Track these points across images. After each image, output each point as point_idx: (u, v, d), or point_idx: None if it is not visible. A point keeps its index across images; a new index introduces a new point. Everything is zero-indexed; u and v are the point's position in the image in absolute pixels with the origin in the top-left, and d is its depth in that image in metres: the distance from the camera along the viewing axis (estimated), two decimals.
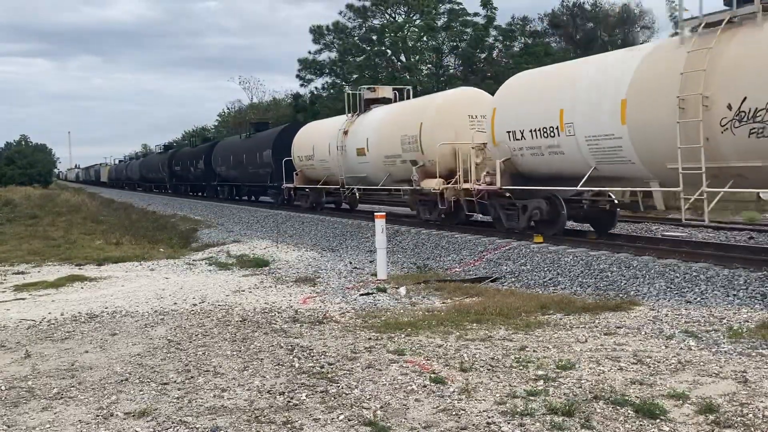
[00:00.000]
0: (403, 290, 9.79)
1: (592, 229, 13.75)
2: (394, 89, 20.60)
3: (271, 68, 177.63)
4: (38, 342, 7.20)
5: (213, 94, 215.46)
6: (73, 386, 5.50)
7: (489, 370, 5.58)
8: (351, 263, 13.30)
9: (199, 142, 53.67)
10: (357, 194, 21.44)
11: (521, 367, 5.60)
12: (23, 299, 10.18)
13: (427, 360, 5.92)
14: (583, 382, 5.17)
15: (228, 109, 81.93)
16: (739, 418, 4.32)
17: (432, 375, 5.43)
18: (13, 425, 4.67)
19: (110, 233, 20.63)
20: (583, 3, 49.37)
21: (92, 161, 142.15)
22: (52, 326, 7.99)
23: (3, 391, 5.46)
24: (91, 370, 6.00)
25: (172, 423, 4.59)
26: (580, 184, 11.50)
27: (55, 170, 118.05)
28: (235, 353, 6.39)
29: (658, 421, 4.35)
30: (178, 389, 5.34)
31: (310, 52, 50.28)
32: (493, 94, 14.92)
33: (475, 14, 44.84)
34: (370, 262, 13.06)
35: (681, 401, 4.67)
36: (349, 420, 4.54)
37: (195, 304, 9.15)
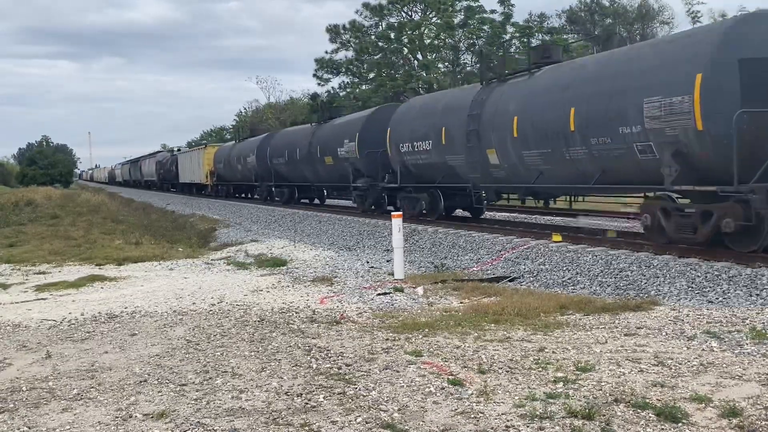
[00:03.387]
0: (420, 290, 9.76)
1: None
2: None
3: (291, 68, 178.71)
4: (59, 342, 7.27)
5: (232, 94, 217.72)
6: (92, 387, 5.54)
7: (507, 371, 5.54)
8: (368, 263, 13.30)
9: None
10: None
11: (540, 369, 5.55)
12: (44, 299, 10.29)
13: (445, 361, 5.88)
14: (603, 384, 5.11)
15: (245, 109, 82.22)
16: (763, 422, 4.24)
17: (450, 377, 5.40)
18: (34, 426, 4.71)
19: (130, 233, 20.82)
20: None
21: (111, 162, 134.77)
22: (72, 326, 8.07)
23: (24, 391, 5.52)
24: (111, 370, 6.04)
25: (191, 425, 4.60)
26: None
27: (76, 170, 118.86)
28: (253, 354, 6.40)
29: (680, 424, 4.29)
30: (197, 390, 5.35)
31: (326, 52, 50.40)
32: None
33: (492, 11, 44.68)
34: (387, 261, 13.04)
35: (703, 404, 4.60)
36: (366, 422, 4.52)
37: (213, 304, 9.19)
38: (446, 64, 46.74)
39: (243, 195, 38.58)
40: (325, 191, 27.68)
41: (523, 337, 6.69)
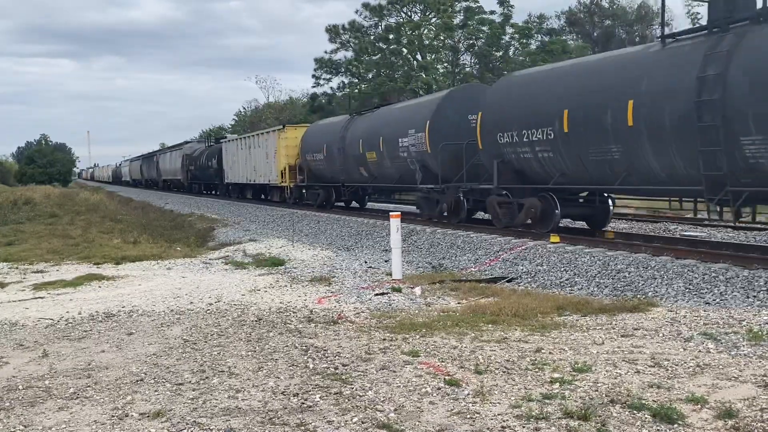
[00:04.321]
0: (418, 290, 9.76)
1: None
2: None
3: (292, 68, 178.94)
4: (56, 341, 7.26)
5: (231, 93, 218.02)
6: (89, 386, 5.54)
7: (504, 372, 5.54)
8: (366, 263, 13.30)
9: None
10: None
11: (537, 370, 5.56)
12: (42, 298, 10.28)
13: (442, 362, 5.89)
14: (599, 385, 5.11)
15: (244, 108, 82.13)
16: (759, 424, 4.25)
17: (447, 377, 5.39)
18: (30, 425, 4.70)
19: (128, 232, 20.82)
20: (601, 0, 48.98)
21: (110, 160, 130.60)
22: (69, 325, 8.06)
23: (20, 390, 5.51)
24: (107, 369, 6.03)
25: (187, 424, 4.59)
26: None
27: (75, 169, 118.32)
28: (250, 353, 6.40)
29: (675, 426, 4.29)
30: (193, 390, 5.35)
31: (326, 52, 50.43)
32: None
33: (492, 12, 44.72)
34: (385, 261, 13.04)
35: (699, 406, 4.60)
36: (362, 422, 4.52)
37: (211, 304, 9.19)
38: (445, 64, 46.75)
39: (351, 206, 24.52)
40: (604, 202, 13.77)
41: (521, 338, 6.70)
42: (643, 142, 10.77)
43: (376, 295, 9.53)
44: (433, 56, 46.34)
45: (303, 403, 4.93)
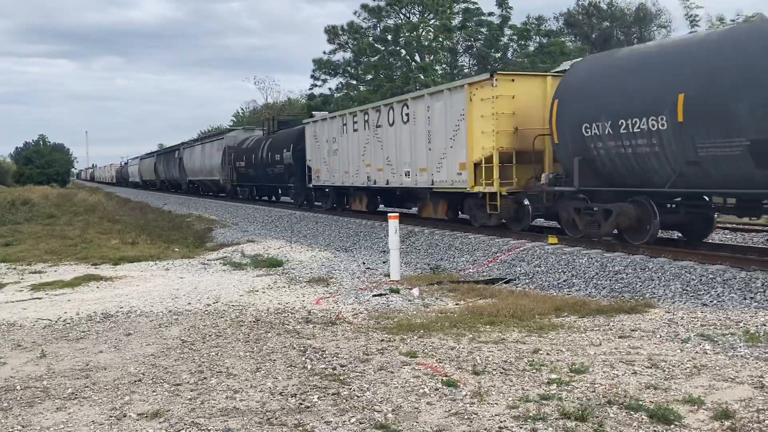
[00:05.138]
0: (416, 291, 9.77)
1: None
2: None
3: (291, 68, 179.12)
4: (54, 341, 7.26)
5: (231, 94, 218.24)
6: (87, 386, 5.55)
7: (502, 373, 5.55)
8: (364, 264, 13.31)
9: None
10: None
11: (534, 371, 5.57)
12: (40, 299, 10.28)
13: (440, 362, 5.90)
14: (596, 386, 5.12)
15: (243, 109, 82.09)
16: (755, 425, 4.27)
17: (444, 378, 5.41)
18: (28, 425, 4.71)
19: (126, 233, 20.81)
20: (599, 2, 49.06)
21: (109, 160, 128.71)
22: (67, 326, 8.06)
23: (18, 390, 5.52)
24: (105, 370, 6.04)
25: (185, 424, 4.60)
26: None
27: (74, 170, 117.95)
28: (248, 354, 6.41)
29: (672, 426, 4.31)
30: (191, 390, 5.36)
31: (324, 53, 50.42)
32: None
33: (490, 14, 44.79)
34: (384, 262, 13.05)
35: (696, 407, 4.62)
36: (360, 423, 4.53)
37: (209, 304, 9.19)
38: (444, 66, 46.76)
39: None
40: None
41: (518, 339, 6.71)
42: None
43: (374, 296, 9.54)
44: (431, 57, 46.35)
45: (301, 404, 4.94)
